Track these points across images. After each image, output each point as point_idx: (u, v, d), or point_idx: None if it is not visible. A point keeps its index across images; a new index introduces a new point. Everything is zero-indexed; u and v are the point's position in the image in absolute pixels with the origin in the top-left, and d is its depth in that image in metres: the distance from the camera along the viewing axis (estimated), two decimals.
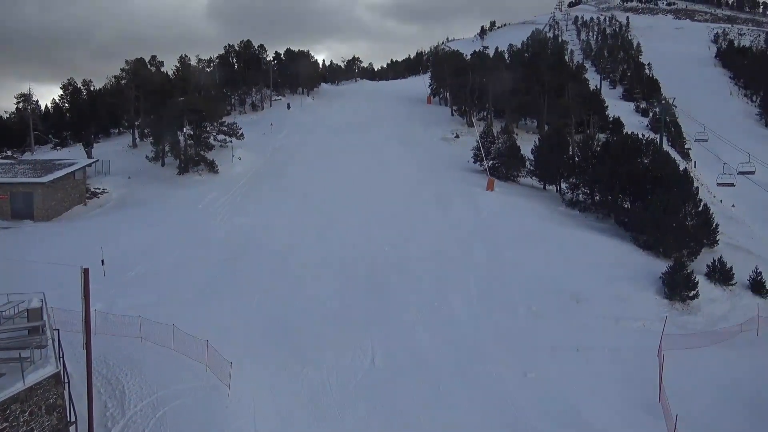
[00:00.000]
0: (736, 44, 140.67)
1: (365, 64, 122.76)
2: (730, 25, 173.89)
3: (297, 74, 78.48)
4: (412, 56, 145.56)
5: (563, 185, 39.44)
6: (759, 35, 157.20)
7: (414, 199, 36.11)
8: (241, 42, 76.28)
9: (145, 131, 49.85)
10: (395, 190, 37.98)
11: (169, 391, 16.34)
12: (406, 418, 16.79)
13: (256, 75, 70.87)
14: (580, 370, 19.65)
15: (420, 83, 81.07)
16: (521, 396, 17.99)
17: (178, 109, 44.26)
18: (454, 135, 54.36)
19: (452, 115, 64.01)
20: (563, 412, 17.21)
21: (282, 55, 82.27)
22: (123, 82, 56.05)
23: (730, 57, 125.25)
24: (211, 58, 74.61)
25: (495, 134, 45.76)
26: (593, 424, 16.68)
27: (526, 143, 43.76)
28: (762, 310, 24.46)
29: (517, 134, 48.02)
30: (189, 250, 28.57)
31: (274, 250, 28.53)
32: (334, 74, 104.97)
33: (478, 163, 43.25)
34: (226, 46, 76.80)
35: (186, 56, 58.98)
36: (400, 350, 20.32)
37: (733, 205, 41.60)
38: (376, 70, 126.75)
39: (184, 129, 45.07)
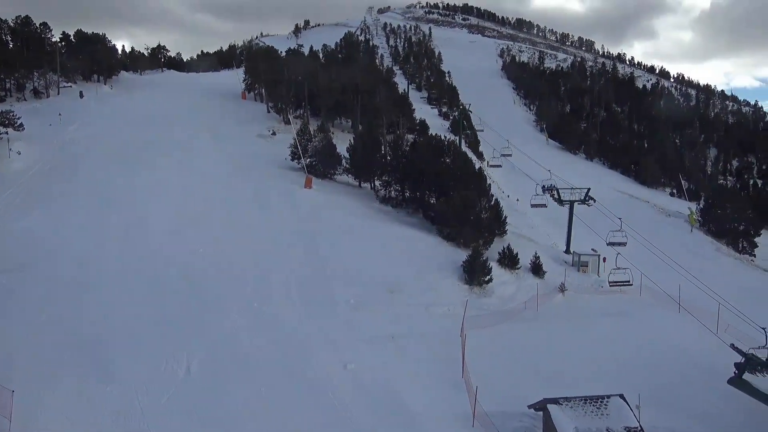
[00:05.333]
0: (517, 60, 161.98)
1: (173, 54, 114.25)
2: (512, 43, 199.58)
3: (92, 59, 69.99)
4: (224, 49, 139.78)
5: (377, 183, 41.46)
6: (534, 53, 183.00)
7: (230, 198, 34.77)
8: (17, 18, 65.52)
9: None
10: (209, 188, 36.13)
11: None
12: (228, 426, 16.18)
13: (39, 57, 61.52)
14: (396, 356, 20.98)
15: (234, 78, 78.15)
16: (343, 388, 18.54)
17: None
18: (271, 132, 53.56)
19: (268, 111, 62.98)
20: (381, 398, 18.19)
21: (72, 37, 72.68)
22: None
23: (512, 70, 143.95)
24: None
25: (312, 132, 46.21)
26: (408, 405, 17.93)
27: (342, 142, 44.99)
28: (540, 289, 28.73)
29: (333, 133, 49.08)
30: None
31: (67, 257, 25.18)
32: (136, 62, 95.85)
33: (296, 160, 43.30)
34: None
35: None
36: (220, 356, 19.49)
37: (517, 200, 47.89)
38: (185, 61, 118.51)
39: None
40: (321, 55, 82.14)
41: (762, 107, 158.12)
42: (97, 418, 15.83)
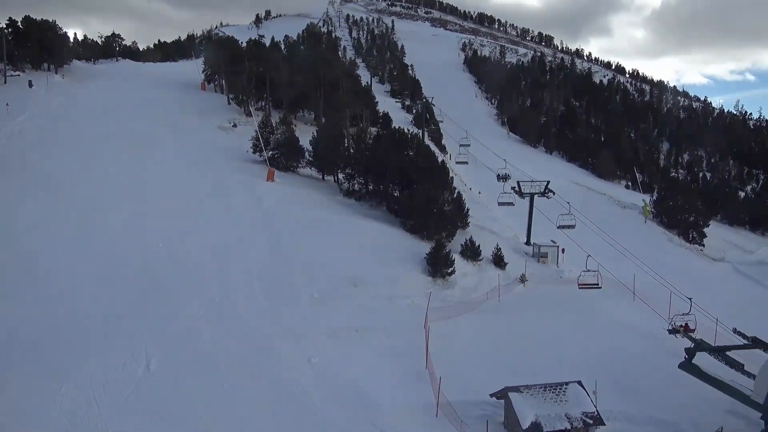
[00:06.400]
0: (479, 54, 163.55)
1: (128, 43, 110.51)
2: (474, 37, 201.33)
3: (41, 47, 67.01)
4: (183, 38, 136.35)
5: (340, 175, 41.31)
6: (495, 48, 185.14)
7: (191, 191, 34.04)
8: None
9: None
10: (169, 181, 35.26)
11: None
12: (190, 422, 15.93)
13: None
14: (360, 348, 21.04)
15: (193, 68, 76.28)
16: (307, 382, 18.52)
17: None
18: (232, 124, 52.61)
19: (229, 103, 61.80)
20: (345, 390, 18.26)
21: (19, 24, 69.39)
22: None
23: (474, 64, 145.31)
24: None
25: (274, 125, 45.62)
26: (372, 396, 18.05)
27: (305, 134, 44.58)
28: (502, 280, 29.28)
29: (295, 125, 48.53)
30: None
31: (15, 253, 24.20)
32: (89, 51, 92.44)
33: (258, 153, 42.71)
34: None
35: None
36: (181, 353, 19.14)
37: (479, 192, 48.55)
38: (141, 50, 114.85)
39: None
40: (283, 46, 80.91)
41: (711, 103, 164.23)
42: (52, 419, 15.34)
